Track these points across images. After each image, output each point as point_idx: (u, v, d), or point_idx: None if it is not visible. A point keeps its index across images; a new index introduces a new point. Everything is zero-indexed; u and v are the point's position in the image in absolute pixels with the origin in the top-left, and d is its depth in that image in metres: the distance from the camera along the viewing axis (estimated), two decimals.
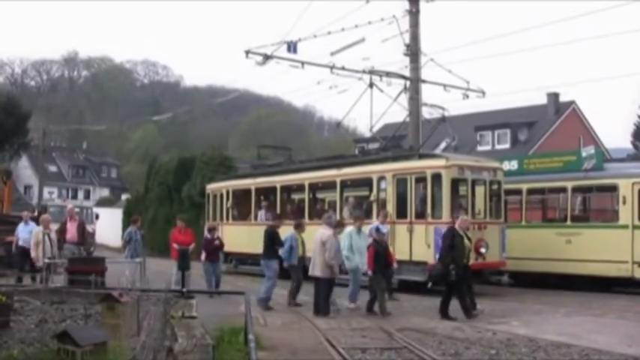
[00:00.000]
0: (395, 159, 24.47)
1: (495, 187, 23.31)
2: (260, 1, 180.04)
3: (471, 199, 22.60)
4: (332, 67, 28.18)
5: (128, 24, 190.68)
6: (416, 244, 22.21)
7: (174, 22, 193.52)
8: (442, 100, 28.00)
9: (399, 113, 28.91)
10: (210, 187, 34.79)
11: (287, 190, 30.20)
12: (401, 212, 22.98)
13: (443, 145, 30.23)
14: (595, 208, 25.95)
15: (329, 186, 27.54)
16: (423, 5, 28.31)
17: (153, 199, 51.52)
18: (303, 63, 28.13)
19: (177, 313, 12.81)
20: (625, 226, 22.50)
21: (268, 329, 14.85)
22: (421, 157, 23.85)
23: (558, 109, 57.57)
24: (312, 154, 35.42)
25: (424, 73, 28.68)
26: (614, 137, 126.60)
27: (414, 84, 27.89)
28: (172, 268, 22.29)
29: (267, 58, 28.02)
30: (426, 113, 27.94)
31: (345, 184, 26.40)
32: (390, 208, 23.06)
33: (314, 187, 28.39)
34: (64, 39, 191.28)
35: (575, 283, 23.62)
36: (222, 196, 32.90)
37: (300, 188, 29.04)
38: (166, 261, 28.67)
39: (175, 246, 22.08)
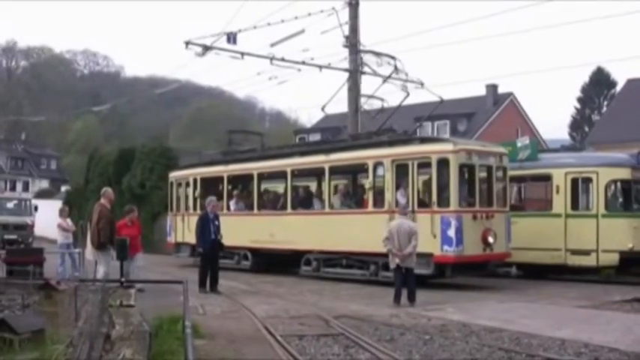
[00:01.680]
0: (391, 143, 22.62)
1: (500, 173, 21.98)
2: None
3: (478, 185, 21.42)
4: (272, 59, 28.28)
5: (68, 13, 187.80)
6: (420, 234, 19.47)
7: (114, 11, 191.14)
8: (381, 92, 28.24)
9: (337, 104, 29.04)
10: (174, 174, 32.57)
11: (265, 177, 27.82)
12: (402, 200, 21.31)
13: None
14: (530, 197, 26.44)
15: (315, 173, 26.05)
16: None
17: (93, 191, 51.01)
18: (242, 54, 28.12)
19: (115, 302, 12.86)
20: (558, 215, 23.01)
21: (207, 318, 14.95)
22: (423, 141, 22.42)
23: (497, 100, 58.58)
24: (254, 144, 34.75)
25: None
26: (552, 128, 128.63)
27: (353, 75, 28.21)
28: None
29: (206, 49, 27.93)
30: (366, 105, 28.21)
31: (335, 171, 24.74)
32: (389, 196, 21.72)
33: (297, 175, 26.02)
34: (2, 28, 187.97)
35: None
36: (187, 184, 30.91)
37: (280, 176, 26.80)
38: None
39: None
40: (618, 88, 65.50)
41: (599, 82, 78.25)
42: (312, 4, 28.01)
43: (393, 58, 27.39)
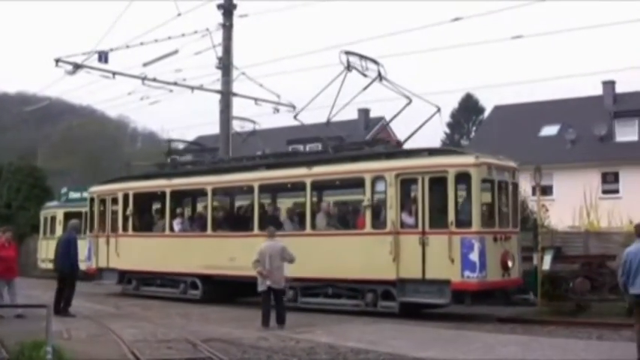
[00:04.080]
0: (389, 155, 20.44)
1: (512, 189, 19.99)
2: (71, 7, 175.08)
3: (497, 203, 19.28)
4: (143, 79, 28.08)
5: None
6: (432, 258, 18.54)
7: None
8: (254, 114, 28.46)
9: (211, 125, 29.04)
10: (97, 189, 28.32)
11: (223, 193, 24.90)
12: (408, 220, 19.38)
13: None
14: None
15: (292, 188, 23.00)
16: (236, 20, 28.90)
17: None
18: (114, 73, 27.85)
19: None
20: None
21: (72, 342, 14.60)
22: (432, 153, 20.03)
23: (368, 124, 59.56)
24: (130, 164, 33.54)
25: (236, 87, 29.22)
26: None
27: (225, 97, 28.30)
28: None
29: (77, 67, 27.50)
30: (237, 127, 28.25)
31: (319, 186, 22.09)
32: (393, 214, 19.19)
33: (267, 191, 23.38)
34: None
35: None
36: (115, 201, 26.85)
37: (244, 191, 23.59)
38: None
39: None
40: (486, 114, 67.48)
41: (468, 108, 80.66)
42: (186, 25, 28.00)
43: (376, 62, 22.60)
